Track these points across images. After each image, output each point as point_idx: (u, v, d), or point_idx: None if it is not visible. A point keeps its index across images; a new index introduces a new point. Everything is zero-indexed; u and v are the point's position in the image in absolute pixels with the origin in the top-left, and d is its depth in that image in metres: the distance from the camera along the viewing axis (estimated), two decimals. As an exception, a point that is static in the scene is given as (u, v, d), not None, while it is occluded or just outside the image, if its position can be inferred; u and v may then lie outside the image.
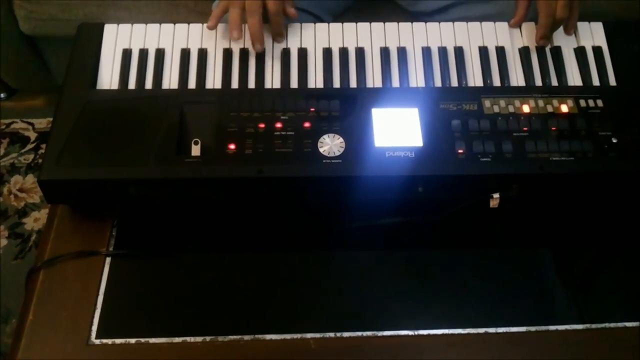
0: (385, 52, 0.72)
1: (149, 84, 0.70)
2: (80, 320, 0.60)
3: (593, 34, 0.75)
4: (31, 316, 0.60)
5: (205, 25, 0.73)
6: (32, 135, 1.40)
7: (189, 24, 0.73)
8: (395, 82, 0.71)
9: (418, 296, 0.63)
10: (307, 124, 0.65)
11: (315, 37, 0.73)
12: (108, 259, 0.64)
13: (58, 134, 0.64)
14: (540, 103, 0.68)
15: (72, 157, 0.63)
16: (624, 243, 0.68)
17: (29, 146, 1.38)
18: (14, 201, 1.29)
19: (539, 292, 0.64)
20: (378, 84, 0.71)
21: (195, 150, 0.64)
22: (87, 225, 0.67)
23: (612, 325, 0.61)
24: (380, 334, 0.60)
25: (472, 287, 0.64)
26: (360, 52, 0.72)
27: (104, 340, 0.59)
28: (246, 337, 0.59)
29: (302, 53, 0.72)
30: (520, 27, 0.75)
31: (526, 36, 0.74)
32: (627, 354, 0.60)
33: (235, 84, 0.70)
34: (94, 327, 0.59)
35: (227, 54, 0.72)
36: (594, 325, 0.61)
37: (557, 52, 0.74)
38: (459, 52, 0.73)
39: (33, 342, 0.59)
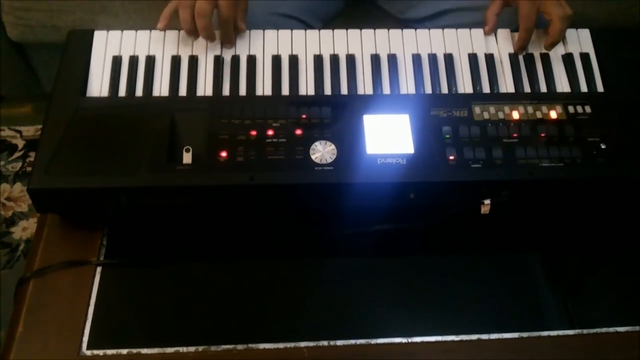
0: (375, 59, 0.73)
1: (139, 92, 0.69)
2: (71, 331, 0.59)
3: (580, 41, 0.76)
4: (21, 327, 0.60)
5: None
6: (20, 143, 1.38)
7: (179, 30, 0.73)
8: (386, 89, 0.71)
9: (411, 303, 0.63)
10: (298, 131, 0.65)
11: (306, 44, 0.74)
12: (99, 269, 0.64)
13: (48, 142, 0.64)
14: (530, 109, 0.69)
15: (62, 166, 0.62)
16: (614, 248, 0.69)
17: (17, 154, 1.37)
18: (2, 210, 1.28)
19: (530, 298, 0.65)
20: (369, 90, 0.71)
21: (187, 158, 0.63)
22: (77, 234, 0.66)
23: (604, 330, 0.62)
24: (373, 341, 0.60)
25: (464, 294, 0.64)
26: (351, 59, 0.73)
27: (95, 351, 0.58)
28: (239, 347, 0.59)
29: (293, 60, 0.72)
30: (495, 33, 0.75)
31: (515, 44, 0.75)
32: (618, 359, 0.61)
33: (226, 91, 0.70)
34: (85, 338, 0.59)
35: (218, 61, 0.72)
36: (585, 331, 0.62)
37: (545, 59, 0.74)
38: (449, 59, 0.73)
39: (23, 354, 0.58)
